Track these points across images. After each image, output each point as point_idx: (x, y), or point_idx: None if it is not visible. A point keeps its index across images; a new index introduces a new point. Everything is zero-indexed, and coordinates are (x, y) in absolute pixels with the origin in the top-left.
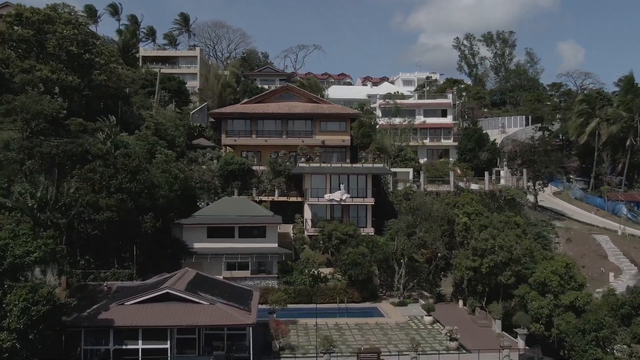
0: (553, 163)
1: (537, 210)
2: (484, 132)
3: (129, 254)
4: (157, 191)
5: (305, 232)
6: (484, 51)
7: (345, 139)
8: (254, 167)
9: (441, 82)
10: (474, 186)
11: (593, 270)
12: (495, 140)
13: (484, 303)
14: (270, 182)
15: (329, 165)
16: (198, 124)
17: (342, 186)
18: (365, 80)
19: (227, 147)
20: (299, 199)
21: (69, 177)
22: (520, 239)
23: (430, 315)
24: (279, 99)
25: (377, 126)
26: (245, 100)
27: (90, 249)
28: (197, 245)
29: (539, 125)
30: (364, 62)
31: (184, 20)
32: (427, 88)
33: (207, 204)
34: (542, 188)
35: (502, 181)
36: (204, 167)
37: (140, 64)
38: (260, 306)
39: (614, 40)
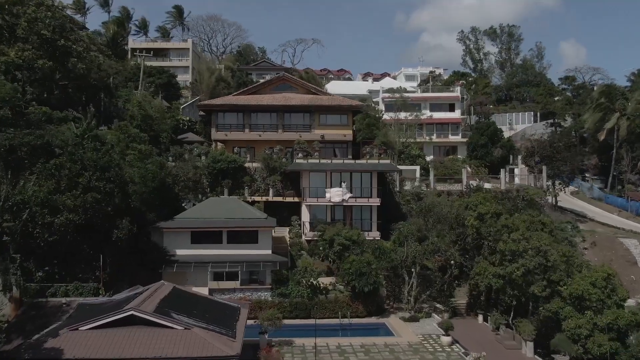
0: (575, 160)
1: (556, 211)
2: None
3: (100, 264)
4: (132, 189)
5: (303, 237)
6: (489, 46)
7: (347, 134)
8: (247, 164)
9: (445, 78)
10: (487, 185)
11: (622, 278)
12: (510, 136)
13: (510, 319)
14: (264, 181)
15: (329, 161)
16: (187, 118)
17: (343, 184)
18: (365, 76)
19: (218, 143)
20: (296, 200)
21: (28, 174)
22: (556, 243)
23: (448, 335)
24: (275, 90)
25: (381, 120)
26: (238, 91)
27: (52, 259)
28: (179, 252)
29: (550, 121)
30: (364, 59)
31: (178, 13)
32: (432, 83)
33: (194, 205)
34: (563, 187)
35: (517, 180)
36: (189, 164)
37: (130, 57)
38: (251, 322)
39: (615, 40)
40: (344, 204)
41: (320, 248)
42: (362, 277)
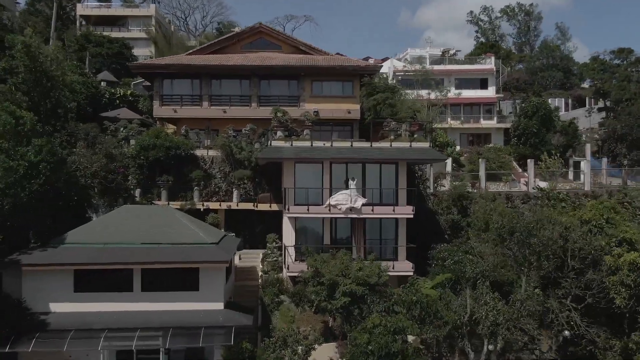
0: None
1: None
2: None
3: None
4: None
5: (285, 271)
6: (505, 27)
7: (352, 109)
8: (199, 153)
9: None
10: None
11: None
12: (574, 119)
13: None
14: (225, 178)
15: (327, 144)
16: (129, 90)
17: (352, 183)
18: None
19: (165, 123)
20: (275, 207)
21: None
22: None
23: None
24: (248, 48)
25: (400, 95)
26: (194, 49)
27: None
28: (53, 307)
29: (596, 106)
30: (361, 53)
31: None
32: (447, 60)
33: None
34: None
35: (582, 176)
36: (102, 150)
37: (79, 26)
38: None
39: (616, 39)
40: (353, 214)
41: (313, 296)
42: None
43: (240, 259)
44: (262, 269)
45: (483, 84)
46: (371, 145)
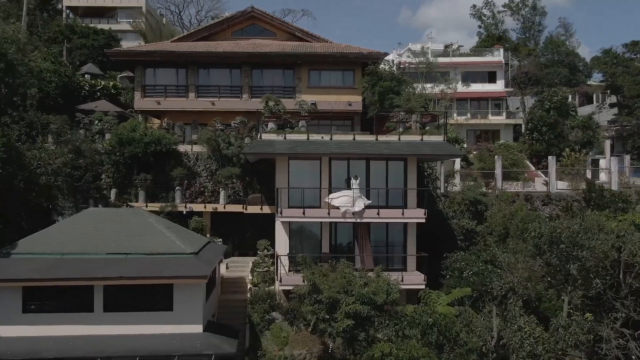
0: None
1: None
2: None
3: None
4: None
5: (277, 283)
6: (508, 22)
7: (354, 102)
8: (182, 149)
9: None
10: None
11: None
12: (593, 113)
13: None
14: (212, 177)
15: (326, 137)
16: (112, 83)
17: (355, 182)
18: None
19: (149, 116)
20: (266, 210)
21: None
22: None
23: None
24: (240, 35)
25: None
26: (181, 35)
27: None
28: None
29: (606, 102)
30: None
31: None
32: (452, 52)
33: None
34: None
35: (603, 175)
36: (66, 145)
37: (65, 17)
38: None
39: (615, 39)
40: (356, 219)
41: (309, 316)
42: None
43: (227, 268)
44: (251, 281)
45: (491, 78)
46: (376, 139)
